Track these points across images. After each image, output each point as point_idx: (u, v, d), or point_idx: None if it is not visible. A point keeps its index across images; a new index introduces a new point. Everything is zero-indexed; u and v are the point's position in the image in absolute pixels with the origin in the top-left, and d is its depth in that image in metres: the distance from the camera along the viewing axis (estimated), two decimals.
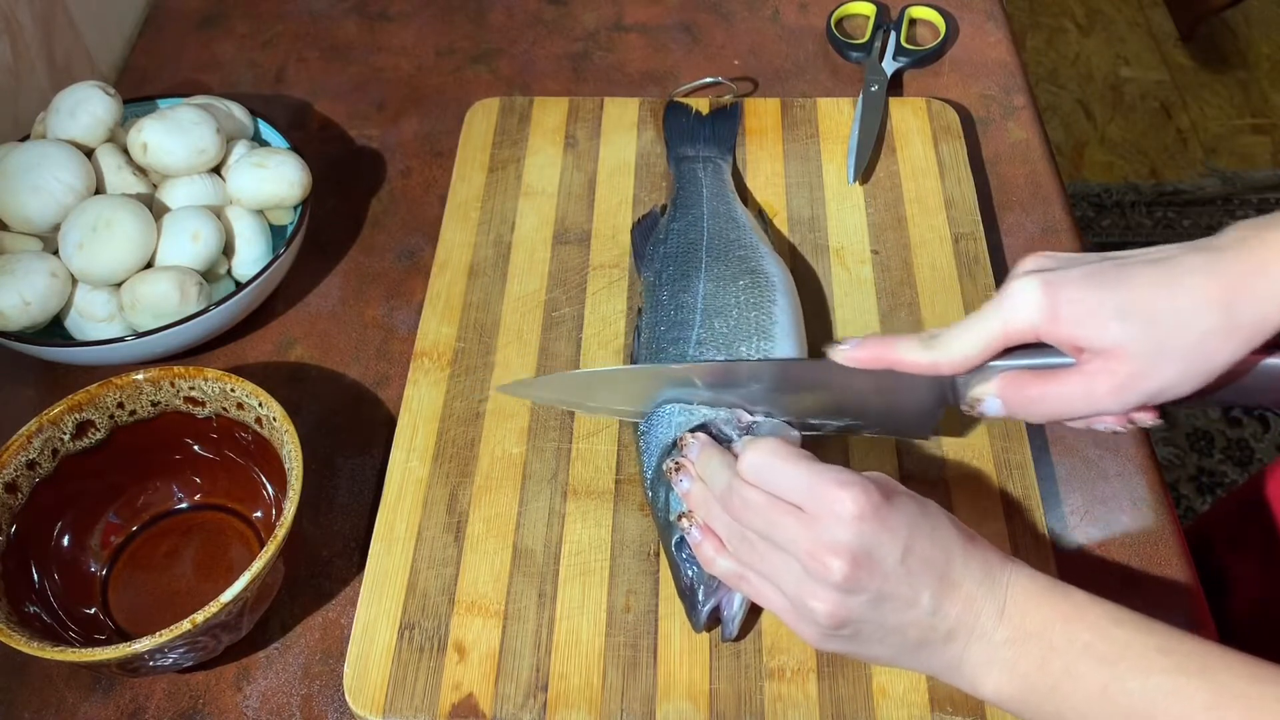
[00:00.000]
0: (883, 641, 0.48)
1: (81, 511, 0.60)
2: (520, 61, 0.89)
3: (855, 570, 0.46)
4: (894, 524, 0.47)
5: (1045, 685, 0.45)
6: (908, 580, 0.46)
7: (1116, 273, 0.48)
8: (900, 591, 0.46)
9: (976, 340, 0.50)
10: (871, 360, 0.53)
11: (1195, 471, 1.58)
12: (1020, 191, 0.78)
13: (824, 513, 0.47)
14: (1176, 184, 1.97)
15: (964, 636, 0.47)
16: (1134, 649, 0.44)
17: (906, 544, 0.47)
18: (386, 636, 0.56)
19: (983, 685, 0.47)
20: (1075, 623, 0.46)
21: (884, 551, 0.46)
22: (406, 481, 0.62)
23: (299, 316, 0.73)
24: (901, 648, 0.48)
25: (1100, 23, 2.27)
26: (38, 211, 0.67)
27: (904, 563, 0.46)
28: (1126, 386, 0.47)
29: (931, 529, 0.48)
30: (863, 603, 0.47)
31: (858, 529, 0.46)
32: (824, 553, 0.46)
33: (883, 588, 0.46)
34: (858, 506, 0.46)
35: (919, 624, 0.47)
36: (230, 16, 0.94)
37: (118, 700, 0.57)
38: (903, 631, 0.47)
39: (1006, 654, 0.46)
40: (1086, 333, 0.47)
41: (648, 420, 0.59)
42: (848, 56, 0.87)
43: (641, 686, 0.54)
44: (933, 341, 0.51)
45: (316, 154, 0.79)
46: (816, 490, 0.47)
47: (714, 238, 0.67)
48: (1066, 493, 0.63)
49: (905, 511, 0.48)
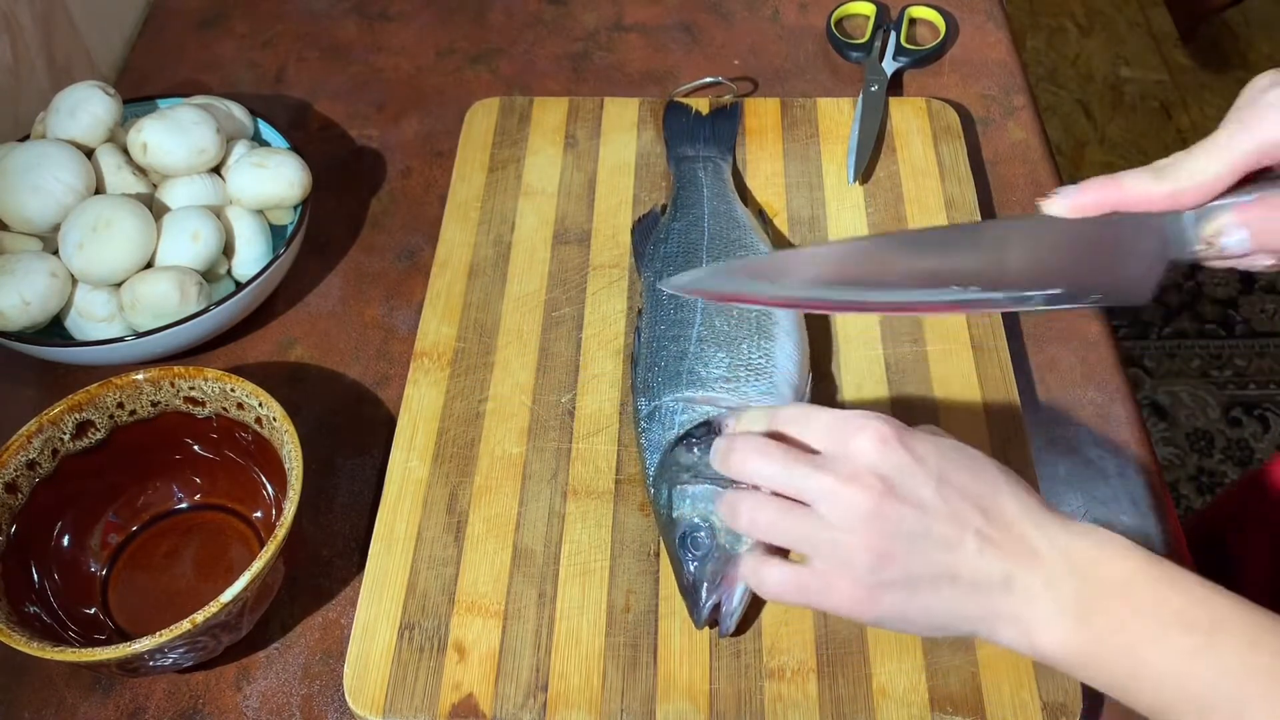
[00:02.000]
0: (935, 587, 0.43)
1: (81, 511, 0.60)
2: (520, 61, 0.89)
3: (885, 497, 0.43)
4: (921, 451, 0.44)
5: (1121, 644, 0.42)
6: (947, 511, 0.43)
7: None
8: (940, 526, 0.43)
9: (1224, 160, 0.44)
10: (1096, 204, 0.47)
11: (1195, 471, 1.58)
12: (1020, 191, 0.78)
13: (847, 442, 0.44)
14: None
15: (1025, 580, 0.43)
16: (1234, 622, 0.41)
17: (940, 474, 0.44)
18: (386, 636, 0.56)
19: (1042, 638, 0.43)
20: (1166, 585, 0.42)
21: (915, 481, 0.43)
22: (406, 481, 0.62)
23: (299, 316, 0.73)
24: (955, 594, 0.43)
25: (1100, 23, 2.27)
26: (38, 211, 0.67)
27: (939, 492, 0.43)
28: None
29: (969, 461, 0.45)
30: (902, 536, 0.43)
31: (881, 454, 0.43)
32: (849, 483, 0.43)
33: (920, 520, 0.43)
34: (878, 434, 0.44)
35: (969, 563, 0.43)
36: (230, 16, 0.94)
37: (118, 700, 0.57)
38: (954, 574, 0.43)
39: (1078, 606, 0.42)
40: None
41: (649, 418, 0.59)
42: (848, 56, 0.87)
43: (641, 686, 0.54)
44: (1169, 169, 0.45)
45: (316, 154, 0.79)
46: (837, 426, 0.45)
47: (715, 238, 0.67)
48: (1066, 493, 0.63)
49: (932, 441, 0.45)
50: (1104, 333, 0.70)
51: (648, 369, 0.61)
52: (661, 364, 0.61)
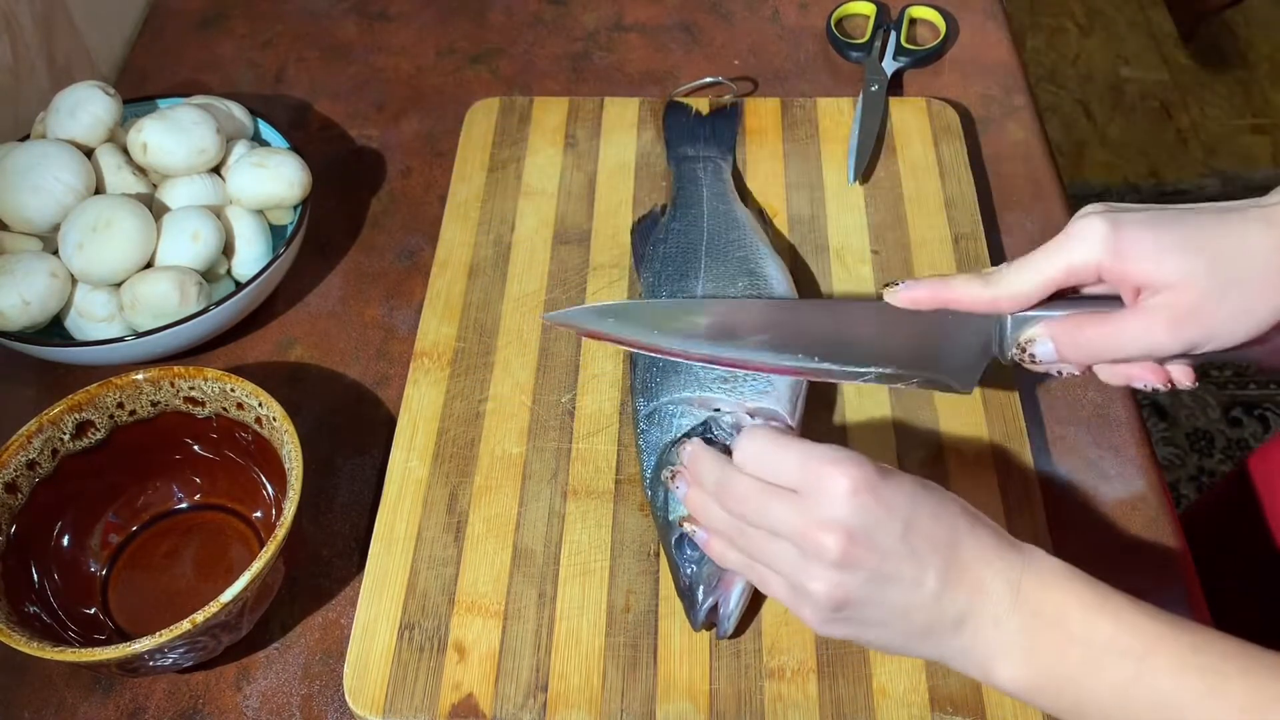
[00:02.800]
0: (887, 625, 0.46)
1: (81, 511, 0.60)
2: (520, 61, 0.89)
3: (851, 546, 0.45)
4: (891, 500, 0.45)
5: (1063, 675, 0.44)
6: (910, 558, 0.45)
7: (1179, 214, 0.48)
8: (902, 571, 0.45)
9: (1038, 276, 0.49)
10: (928, 299, 0.51)
11: (1195, 471, 1.58)
12: (1020, 191, 0.78)
13: (817, 490, 0.46)
14: (1176, 184, 1.97)
15: (974, 621, 0.45)
16: (1164, 644, 0.43)
17: (907, 520, 0.45)
18: (386, 636, 0.56)
19: (996, 673, 0.45)
20: (1097, 612, 0.44)
21: (882, 528, 0.45)
22: (406, 481, 0.62)
23: (299, 316, 0.73)
24: (908, 633, 0.46)
25: (1100, 23, 2.27)
26: (38, 211, 0.67)
27: (905, 540, 0.45)
28: (1184, 322, 0.46)
29: (936, 506, 0.46)
30: (862, 582, 0.45)
31: (852, 504, 0.45)
32: (817, 530, 0.45)
33: (882, 566, 0.45)
34: (851, 481, 0.45)
35: (925, 607, 0.45)
36: (230, 16, 0.94)
37: (118, 700, 0.57)
38: (908, 615, 0.46)
39: (1022, 641, 0.44)
40: (1149, 267, 0.47)
41: (647, 420, 0.59)
42: (848, 56, 0.87)
43: (641, 686, 0.54)
44: (992, 278, 0.50)
45: (316, 154, 0.79)
46: (809, 468, 0.46)
47: (713, 238, 0.67)
48: (1067, 493, 0.63)
49: (904, 488, 0.46)
50: None
51: (646, 370, 0.61)
52: (660, 364, 0.61)
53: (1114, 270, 0.48)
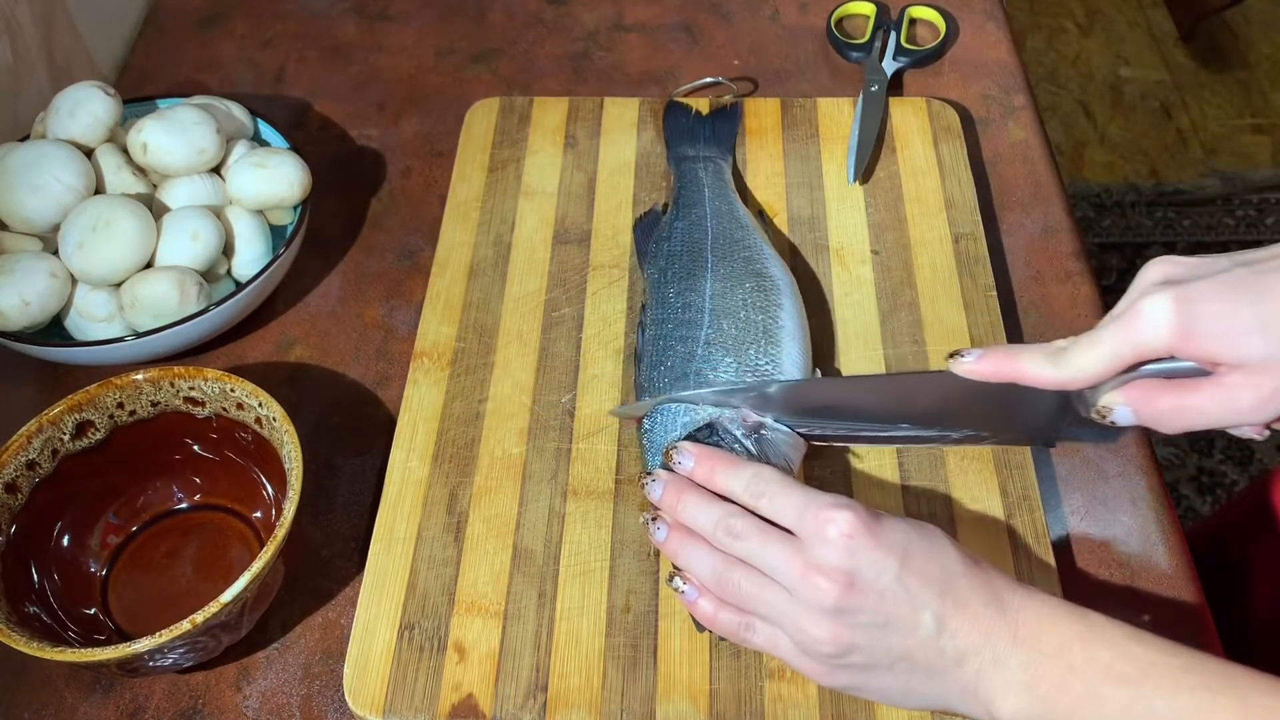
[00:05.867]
0: (892, 670, 0.47)
1: (81, 511, 0.60)
2: (520, 61, 0.89)
3: (848, 591, 0.46)
4: (887, 541, 0.47)
5: (1066, 706, 0.45)
6: (907, 599, 0.46)
7: (1253, 281, 0.45)
8: (900, 612, 0.46)
9: (1105, 356, 0.47)
10: (994, 373, 0.51)
11: (1195, 471, 1.58)
12: (1020, 191, 0.78)
13: (815, 534, 0.47)
14: (1176, 184, 1.97)
15: (976, 659, 0.46)
16: (1157, 668, 0.44)
17: (902, 561, 0.46)
18: (386, 637, 0.56)
19: (1000, 710, 0.46)
20: (1093, 643, 0.45)
21: (877, 570, 0.46)
22: (406, 481, 0.62)
23: (299, 316, 0.73)
24: (911, 675, 0.47)
25: (1100, 23, 2.27)
26: (37, 211, 0.67)
27: (900, 580, 0.46)
28: (1270, 400, 0.44)
29: (928, 546, 0.47)
30: (862, 626, 0.46)
31: (848, 547, 0.46)
32: (814, 575, 0.46)
33: (879, 608, 0.46)
34: (849, 525, 0.46)
35: (926, 646, 0.46)
36: (230, 16, 0.94)
37: (118, 700, 0.57)
38: (910, 657, 0.46)
39: (1024, 676, 0.45)
40: (1225, 349, 0.44)
41: (650, 419, 0.59)
42: (848, 56, 0.87)
43: (641, 686, 0.54)
44: (1059, 356, 0.49)
45: (316, 154, 0.79)
46: (809, 513, 0.47)
47: (718, 238, 0.67)
48: (1067, 493, 0.63)
49: (898, 530, 0.47)
50: None
51: (652, 368, 0.61)
52: (668, 364, 0.61)
53: (1186, 351, 0.46)
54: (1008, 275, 0.73)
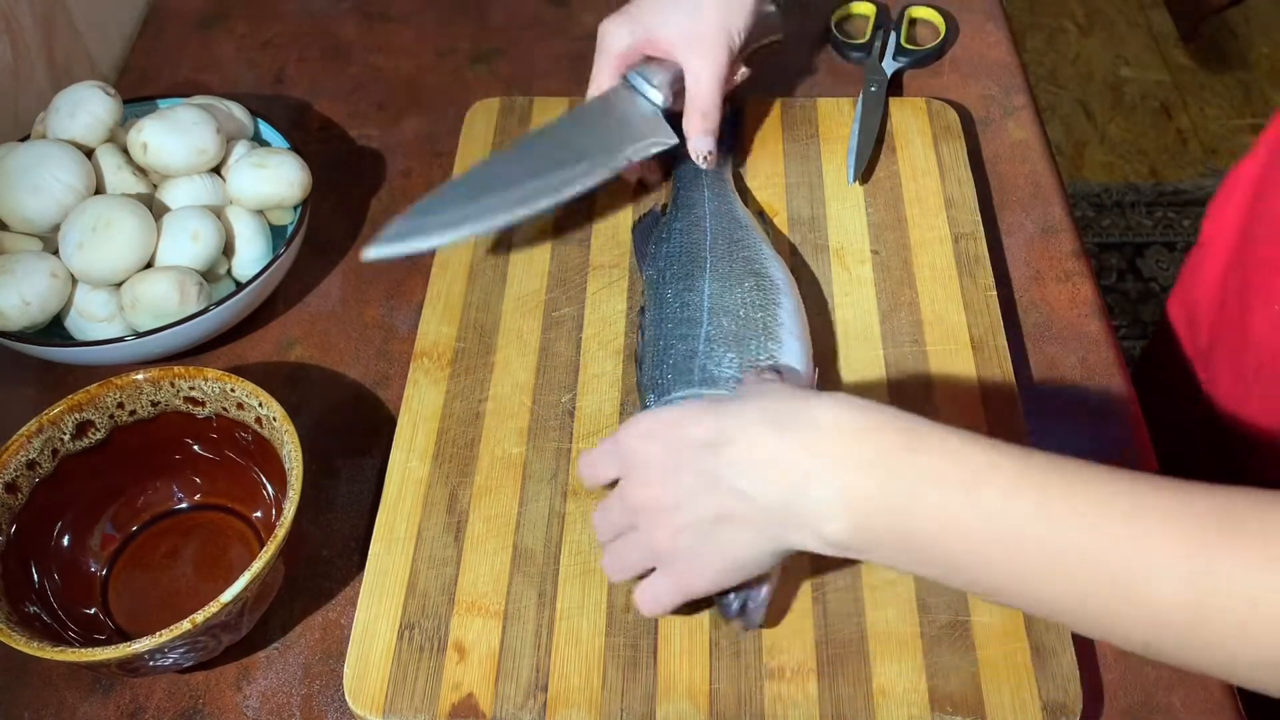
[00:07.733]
0: (718, 529, 0.48)
1: (81, 511, 0.60)
2: (520, 61, 0.89)
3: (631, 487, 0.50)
4: (649, 431, 0.50)
5: (886, 514, 0.43)
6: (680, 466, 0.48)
7: None
8: (685, 480, 0.48)
9: None
10: None
11: None
12: (1020, 191, 0.78)
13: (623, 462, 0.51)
14: (1176, 184, 1.97)
15: (783, 486, 0.45)
16: (994, 471, 0.42)
17: (666, 437, 0.49)
18: (386, 636, 0.56)
19: (828, 533, 0.45)
20: (918, 450, 0.43)
21: (642, 457, 0.50)
22: (406, 481, 0.62)
23: (299, 316, 0.73)
24: (740, 529, 0.47)
25: (1100, 23, 2.27)
26: (38, 211, 0.67)
27: (671, 452, 0.48)
28: None
29: (699, 410, 0.49)
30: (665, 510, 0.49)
31: (613, 452, 0.51)
32: (618, 500, 0.52)
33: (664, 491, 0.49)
34: (611, 442, 0.51)
35: (732, 497, 0.47)
36: (230, 16, 0.94)
37: (118, 700, 0.57)
38: (727, 516, 0.47)
39: (845, 496, 0.44)
40: None
41: None
42: (848, 56, 0.87)
43: (641, 686, 0.54)
44: None
45: (316, 154, 0.79)
46: (610, 449, 0.52)
47: (717, 238, 0.67)
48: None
49: (661, 417, 0.50)
50: (1104, 332, 0.70)
51: (656, 366, 0.61)
52: (671, 361, 0.61)
53: None
54: (1008, 275, 0.73)
